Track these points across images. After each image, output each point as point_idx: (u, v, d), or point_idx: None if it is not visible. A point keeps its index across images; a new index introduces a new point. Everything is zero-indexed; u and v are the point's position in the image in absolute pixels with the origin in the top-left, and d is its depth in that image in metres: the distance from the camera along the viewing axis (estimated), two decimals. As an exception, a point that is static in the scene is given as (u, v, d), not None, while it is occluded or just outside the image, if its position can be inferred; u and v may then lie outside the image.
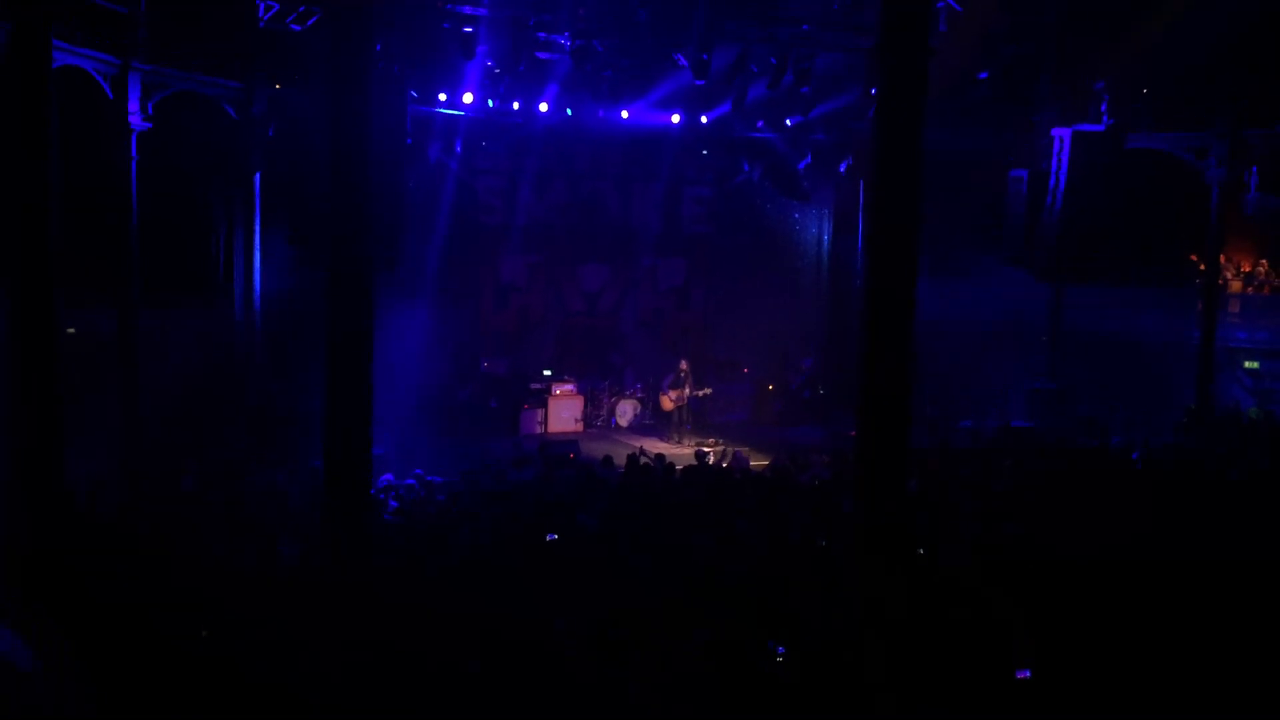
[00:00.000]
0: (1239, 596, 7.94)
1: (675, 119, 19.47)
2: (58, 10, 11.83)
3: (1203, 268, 18.42)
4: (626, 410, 20.82)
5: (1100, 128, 16.55)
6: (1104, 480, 12.10)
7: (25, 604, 6.73)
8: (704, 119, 19.49)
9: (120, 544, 9.13)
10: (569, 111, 18.63)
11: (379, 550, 9.02)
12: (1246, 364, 19.45)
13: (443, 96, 17.42)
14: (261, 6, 14.29)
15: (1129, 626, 7.59)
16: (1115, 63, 17.26)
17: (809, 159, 21.04)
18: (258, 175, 16.07)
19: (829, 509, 10.77)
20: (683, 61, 16.52)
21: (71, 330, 13.51)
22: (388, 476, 12.77)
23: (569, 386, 20.33)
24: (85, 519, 9.95)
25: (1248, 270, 20.25)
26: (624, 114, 18.82)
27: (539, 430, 19.71)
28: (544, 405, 19.99)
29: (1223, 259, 19.15)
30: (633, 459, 13.73)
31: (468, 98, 17.40)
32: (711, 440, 18.82)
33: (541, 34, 15.84)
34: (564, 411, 20.14)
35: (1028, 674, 7.15)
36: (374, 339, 8.57)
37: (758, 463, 15.53)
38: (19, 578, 7.87)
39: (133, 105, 14.36)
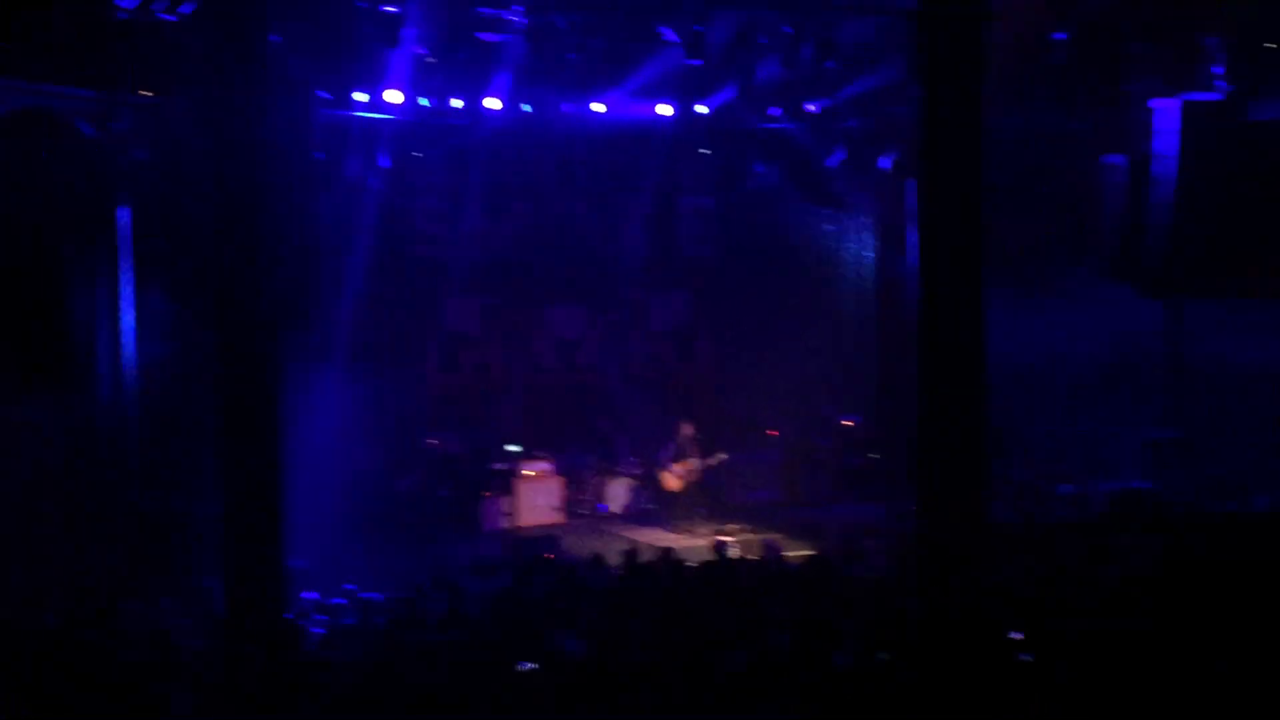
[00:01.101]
0: None
1: (665, 111, 19.66)
2: None
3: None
4: (619, 492, 20.82)
5: (1216, 96, 16.68)
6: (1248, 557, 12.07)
7: None
8: (702, 109, 19.67)
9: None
10: (526, 108, 18.81)
11: (301, 696, 8.96)
12: None
13: (361, 97, 17.55)
14: (122, -8, 14.36)
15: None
16: (1230, 12, 17.43)
17: (840, 154, 21.16)
18: (125, 211, 16.13)
19: (890, 612, 10.73)
20: (671, 37, 16.70)
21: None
22: (311, 596, 12.73)
23: (543, 465, 20.35)
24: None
25: None
26: (598, 108, 19.01)
27: (505, 524, 19.70)
28: (511, 491, 20.00)
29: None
30: (630, 556, 13.69)
31: (394, 96, 17.54)
32: (732, 526, 18.80)
33: (486, 9, 16.01)
34: (538, 498, 20.13)
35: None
36: (285, 418, 8.59)
37: (794, 553, 15.49)
38: None
39: (-42, 129, 14.46)
